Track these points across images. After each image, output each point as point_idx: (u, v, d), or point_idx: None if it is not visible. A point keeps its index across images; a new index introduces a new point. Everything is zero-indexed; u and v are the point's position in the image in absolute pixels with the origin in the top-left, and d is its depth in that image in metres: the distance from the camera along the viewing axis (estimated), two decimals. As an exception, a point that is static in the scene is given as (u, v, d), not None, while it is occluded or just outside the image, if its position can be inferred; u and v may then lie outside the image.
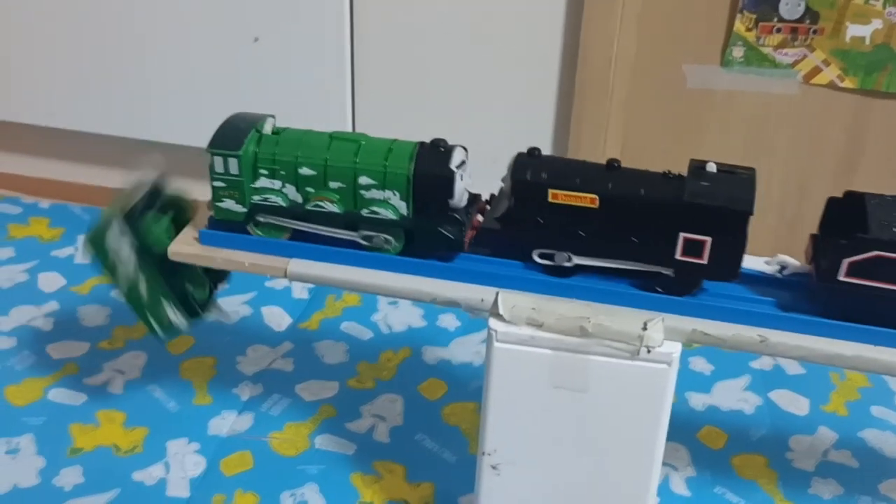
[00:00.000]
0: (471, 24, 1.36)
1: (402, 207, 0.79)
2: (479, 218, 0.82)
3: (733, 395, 1.19)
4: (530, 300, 0.76)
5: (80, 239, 0.82)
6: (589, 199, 0.75)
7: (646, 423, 0.78)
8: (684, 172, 0.75)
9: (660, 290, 0.77)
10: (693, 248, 0.74)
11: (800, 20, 1.24)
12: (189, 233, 0.84)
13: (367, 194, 0.79)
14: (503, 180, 0.79)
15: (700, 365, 1.24)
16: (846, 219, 0.75)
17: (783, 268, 0.80)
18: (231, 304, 1.32)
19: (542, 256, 0.78)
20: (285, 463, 1.06)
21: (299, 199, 0.81)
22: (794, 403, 1.18)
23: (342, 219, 0.81)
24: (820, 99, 1.29)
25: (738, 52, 1.28)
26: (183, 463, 1.05)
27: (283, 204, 0.81)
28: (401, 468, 1.06)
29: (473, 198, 0.82)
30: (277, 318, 1.31)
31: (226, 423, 1.11)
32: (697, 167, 0.75)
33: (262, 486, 1.03)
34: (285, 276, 0.80)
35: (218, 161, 0.81)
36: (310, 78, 1.41)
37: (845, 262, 0.72)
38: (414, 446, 1.09)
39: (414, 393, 1.17)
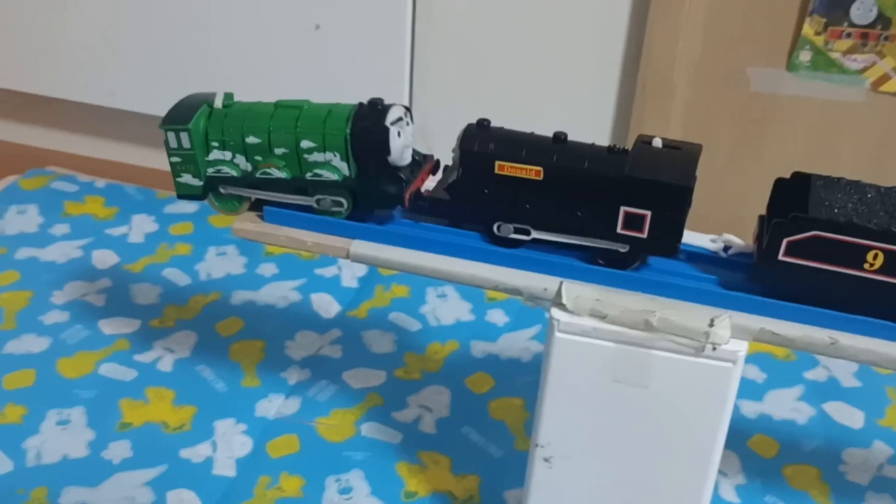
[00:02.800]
0: (533, 17, 1.36)
1: (344, 168, 0.81)
2: (431, 179, 0.84)
3: (786, 405, 1.17)
4: (595, 291, 0.75)
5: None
6: (534, 172, 0.76)
7: (706, 422, 0.76)
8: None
9: (601, 262, 0.78)
10: (633, 221, 0.75)
11: (871, 25, 1.21)
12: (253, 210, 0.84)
13: (310, 158, 0.81)
14: (453, 150, 0.80)
15: (753, 373, 1.22)
16: (792, 200, 0.75)
17: (728, 247, 0.81)
18: (281, 290, 1.33)
19: (488, 227, 0.79)
20: (331, 448, 1.06)
21: (249, 168, 0.84)
22: (849, 416, 1.16)
23: (290, 184, 0.83)
24: (888, 107, 1.26)
25: (805, 56, 1.25)
26: (230, 443, 1.05)
27: (236, 174, 0.84)
28: (446, 460, 1.05)
29: (424, 157, 0.84)
30: (326, 305, 1.31)
31: (273, 406, 1.11)
32: (643, 142, 0.76)
33: (308, 469, 1.03)
34: (347, 256, 0.80)
35: (171, 137, 0.84)
36: (369, 66, 1.41)
37: (785, 242, 0.72)
38: (460, 439, 1.09)
39: (461, 386, 1.17)
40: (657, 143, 0.76)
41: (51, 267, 1.34)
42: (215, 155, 0.84)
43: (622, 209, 0.75)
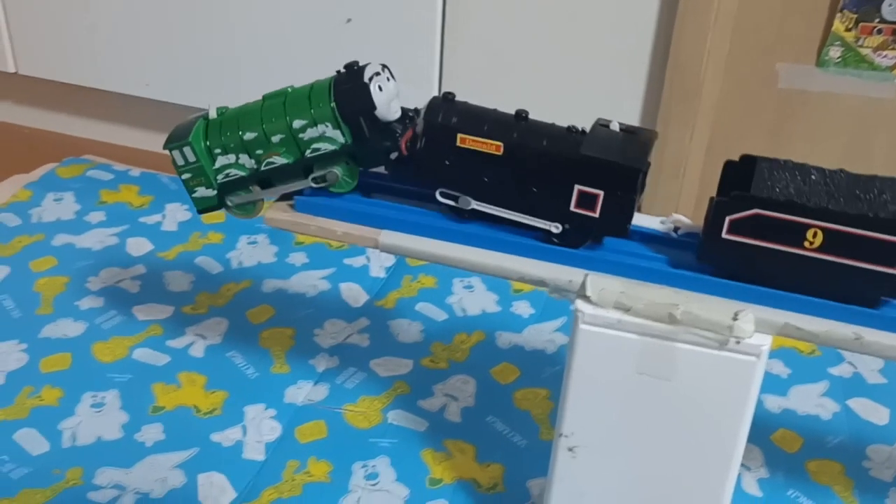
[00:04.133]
0: (561, 14, 1.36)
1: (339, 136, 0.83)
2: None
3: (810, 401, 1.17)
4: (620, 284, 0.76)
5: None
6: (494, 147, 0.78)
7: (730, 415, 0.77)
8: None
9: (555, 240, 0.80)
10: (586, 200, 0.77)
11: (903, 22, 1.21)
12: (285, 199, 0.85)
13: (305, 136, 0.83)
14: (418, 122, 0.82)
15: (777, 368, 1.22)
16: (740, 181, 0.76)
17: (677, 228, 0.82)
18: (310, 279, 1.35)
19: (445, 197, 0.81)
20: (358, 435, 1.08)
21: (254, 163, 0.86)
22: (874, 413, 1.16)
23: (296, 168, 0.85)
24: (919, 104, 1.26)
25: (835, 52, 1.25)
26: (259, 427, 1.08)
27: (244, 173, 0.87)
28: (471, 448, 1.07)
29: (416, 111, 0.85)
30: (355, 295, 1.32)
31: (301, 393, 1.13)
32: (601, 125, 0.79)
33: (335, 455, 1.05)
34: (376, 246, 0.81)
35: (177, 155, 0.87)
36: (399, 59, 1.42)
37: (727, 220, 0.73)
38: (485, 428, 1.10)
39: (486, 376, 1.18)
40: (615, 126, 0.79)
41: (86, 253, 1.37)
42: (220, 161, 0.87)
43: (576, 187, 0.77)
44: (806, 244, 0.73)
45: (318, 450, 1.05)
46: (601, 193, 0.76)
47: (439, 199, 0.81)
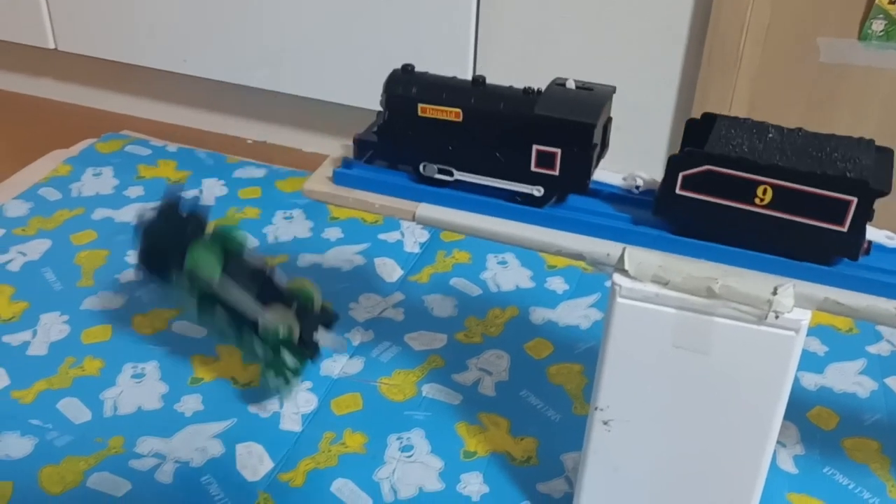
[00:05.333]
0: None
1: None
2: None
3: (847, 378, 1.16)
4: (657, 257, 0.75)
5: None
6: (454, 113, 0.79)
7: (767, 390, 0.77)
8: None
9: (519, 200, 0.81)
10: (545, 159, 0.78)
11: (949, -6, 1.18)
12: (323, 172, 0.86)
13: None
14: (381, 95, 0.83)
15: (814, 346, 1.21)
16: (699, 139, 0.76)
17: (638, 186, 0.82)
18: (345, 254, 1.36)
19: (415, 167, 0.83)
20: (393, 407, 1.09)
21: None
22: (913, 391, 1.15)
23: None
24: (963, 79, 1.24)
25: (878, 25, 1.23)
26: (296, 399, 1.09)
27: None
28: (505, 422, 1.08)
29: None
30: (389, 270, 1.33)
31: (337, 366, 1.15)
32: (557, 84, 0.79)
33: (371, 427, 1.06)
34: (413, 219, 0.82)
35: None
36: (434, 37, 1.42)
37: (680, 176, 0.74)
38: (518, 402, 1.11)
39: (520, 350, 1.19)
40: (571, 84, 0.79)
41: (126, 227, 1.39)
42: None
43: (534, 147, 0.78)
44: (756, 201, 0.73)
45: (353, 422, 1.07)
46: (558, 151, 0.77)
47: (412, 170, 0.83)
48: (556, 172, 0.78)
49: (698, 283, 0.74)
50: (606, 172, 0.83)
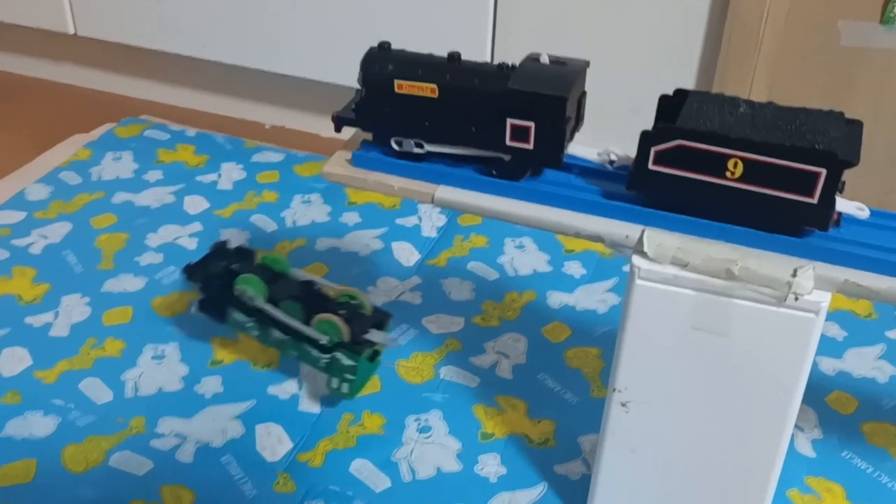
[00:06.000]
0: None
1: None
2: None
3: (866, 363, 1.16)
4: (676, 239, 0.75)
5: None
6: (429, 89, 0.80)
7: (786, 373, 0.77)
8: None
9: (494, 173, 0.81)
10: (519, 133, 0.79)
11: (973, -24, 1.17)
12: (342, 155, 0.86)
13: None
14: (359, 73, 0.84)
15: (833, 331, 1.21)
16: (673, 115, 0.77)
17: (612, 161, 0.83)
18: (363, 238, 1.36)
19: (395, 142, 0.83)
20: (411, 389, 1.09)
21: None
22: (932, 376, 1.14)
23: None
24: None
25: (900, 8, 1.22)
26: (315, 380, 1.10)
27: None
28: (522, 404, 1.08)
29: None
30: (407, 254, 1.34)
31: (355, 349, 1.15)
32: (531, 59, 0.80)
33: (389, 408, 1.07)
34: (432, 201, 0.82)
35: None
36: (452, 15, 1.42)
37: (653, 151, 0.74)
38: (536, 385, 1.11)
39: (537, 334, 1.19)
40: (544, 59, 0.80)
41: (145, 211, 1.40)
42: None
43: (508, 121, 0.78)
44: (727, 174, 0.73)
45: (372, 403, 1.07)
46: (532, 125, 0.78)
47: (393, 145, 0.84)
48: (531, 146, 0.79)
49: (718, 265, 0.73)
50: (582, 147, 0.84)
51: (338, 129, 0.86)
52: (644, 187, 0.77)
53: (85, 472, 0.97)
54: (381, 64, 0.82)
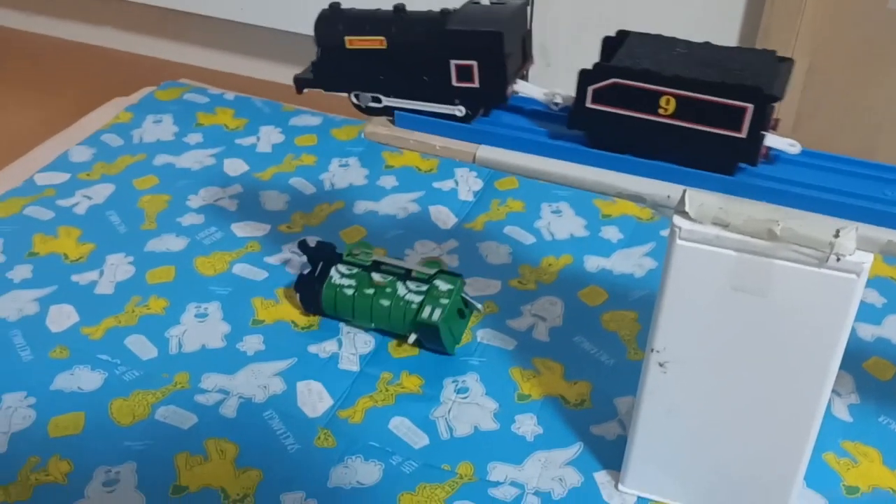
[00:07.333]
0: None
1: None
2: None
3: (906, 330, 1.15)
4: (718, 199, 0.75)
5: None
6: (378, 42, 0.83)
7: (826, 334, 0.77)
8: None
9: (444, 116, 0.84)
10: (464, 73, 0.81)
11: None
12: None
13: None
14: (314, 35, 0.87)
15: (872, 297, 1.20)
16: (613, 55, 0.79)
17: (557, 103, 0.84)
18: (400, 201, 1.37)
19: (353, 97, 0.87)
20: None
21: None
22: (972, 344, 1.14)
23: None
24: None
25: (949, -30, 1.20)
26: (354, 341, 1.12)
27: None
28: (559, 366, 1.09)
29: None
30: (444, 217, 1.34)
31: (393, 309, 1.16)
32: (472, 2, 0.83)
33: (427, 370, 1.08)
34: (473, 160, 0.83)
35: None
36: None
37: (590, 90, 0.76)
38: (572, 347, 1.12)
39: (574, 298, 1.19)
40: (485, 1, 0.83)
41: (186, 173, 1.42)
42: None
43: (452, 63, 0.81)
44: (661, 111, 0.75)
45: (409, 365, 1.09)
46: (475, 63, 0.80)
47: (352, 100, 0.87)
48: (476, 84, 0.81)
49: (759, 226, 0.74)
50: (530, 86, 0.85)
51: (299, 91, 0.91)
52: (583, 125, 0.80)
53: (132, 424, 1.00)
54: (332, 23, 0.85)
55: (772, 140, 0.76)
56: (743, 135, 0.74)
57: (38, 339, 1.10)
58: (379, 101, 0.86)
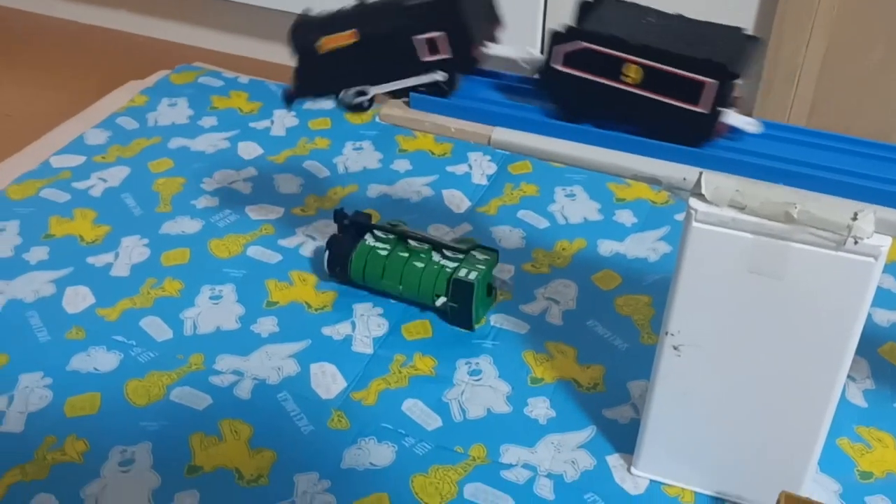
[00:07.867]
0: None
1: None
2: None
3: (922, 316, 1.15)
4: (734, 182, 0.75)
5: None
6: (349, 35, 0.84)
7: (843, 318, 0.76)
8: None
9: (423, 89, 0.85)
10: (433, 46, 0.82)
11: None
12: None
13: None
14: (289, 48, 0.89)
15: (888, 282, 1.19)
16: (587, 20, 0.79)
17: (527, 60, 0.85)
18: (414, 185, 1.37)
19: (339, 97, 0.89)
20: (462, 335, 1.11)
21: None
22: None
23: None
24: None
25: (970, -48, 1.18)
26: (367, 323, 1.12)
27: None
28: (572, 350, 1.09)
29: None
30: (457, 201, 1.34)
31: (407, 293, 1.17)
32: None
33: (440, 352, 1.08)
34: (489, 143, 0.82)
35: None
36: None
37: (559, 52, 0.77)
38: (586, 331, 1.12)
39: (588, 282, 1.19)
40: None
41: (201, 156, 1.43)
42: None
43: (418, 38, 0.82)
44: (626, 79, 0.76)
45: (423, 347, 1.09)
46: (441, 34, 0.81)
47: (342, 99, 0.88)
48: (449, 54, 0.82)
49: (776, 208, 0.73)
50: (503, 47, 0.86)
51: (288, 106, 0.93)
52: (550, 88, 0.80)
53: (147, 405, 1.00)
54: (304, 31, 0.87)
55: (732, 118, 0.77)
56: (706, 110, 0.74)
57: (55, 321, 1.11)
58: (364, 93, 0.87)
